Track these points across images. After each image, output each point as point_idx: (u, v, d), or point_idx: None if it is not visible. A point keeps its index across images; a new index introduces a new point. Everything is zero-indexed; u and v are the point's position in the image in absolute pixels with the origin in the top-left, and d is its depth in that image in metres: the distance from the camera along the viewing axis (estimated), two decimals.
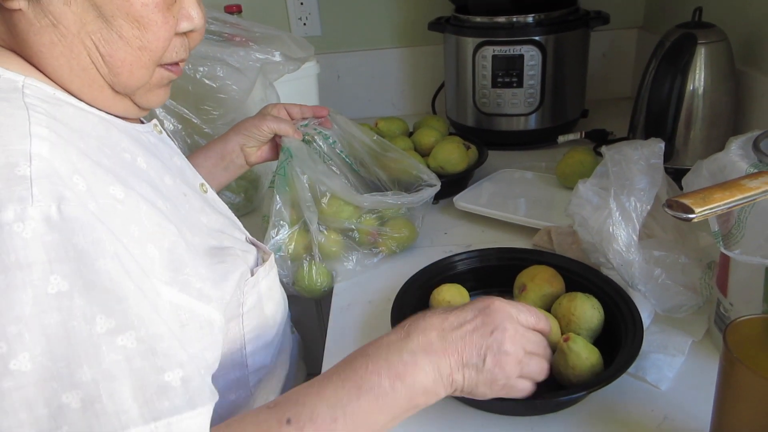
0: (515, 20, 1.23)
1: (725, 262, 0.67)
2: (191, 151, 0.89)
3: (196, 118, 1.01)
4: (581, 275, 0.77)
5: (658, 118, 1.04)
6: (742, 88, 1.07)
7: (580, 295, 0.71)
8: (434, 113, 1.54)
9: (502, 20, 1.24)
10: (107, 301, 0.42)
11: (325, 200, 0.87)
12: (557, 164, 1.12)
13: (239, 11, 1.20)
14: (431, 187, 0.94)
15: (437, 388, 0.51)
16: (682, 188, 0.73)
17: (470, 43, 1.27)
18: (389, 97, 1.65)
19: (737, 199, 0.50)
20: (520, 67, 1.24)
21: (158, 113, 0.99)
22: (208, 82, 0.99)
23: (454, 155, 1.10)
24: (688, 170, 0.71)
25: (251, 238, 0.69)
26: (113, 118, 0.55)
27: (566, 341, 0.64)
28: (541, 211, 1.03)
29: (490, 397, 0.54)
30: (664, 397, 0.65)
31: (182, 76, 0.66)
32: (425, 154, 1.16)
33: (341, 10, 1.54)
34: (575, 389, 0.62)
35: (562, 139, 1.29)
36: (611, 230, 0.72)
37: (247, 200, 1.13)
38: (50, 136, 0.44)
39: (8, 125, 0.43)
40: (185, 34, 0.56)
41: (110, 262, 0.43)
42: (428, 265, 0.82)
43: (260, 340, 0.66)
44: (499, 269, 0.82)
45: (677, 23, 1.07)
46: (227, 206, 0.71)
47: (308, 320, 1.10)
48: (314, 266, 0.87)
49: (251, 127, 0.84)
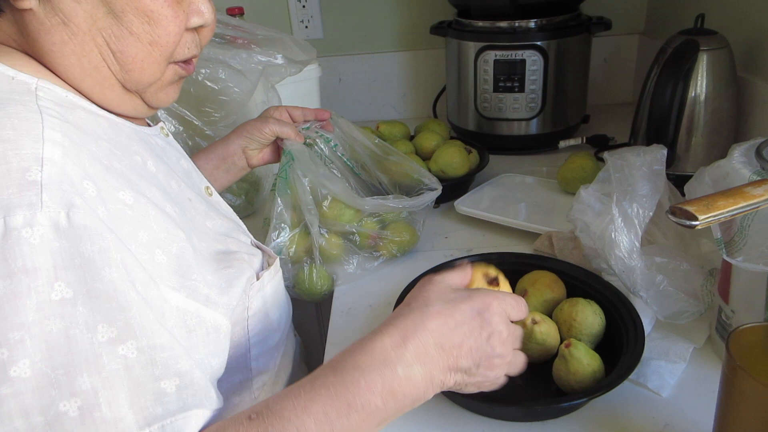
0: (517, 25, 1.23)
1: (727, 269, 0.67)
2: (192, 153, 0.89)
3: (197, 120, 1.01)
4: (582, 281, 0.77)
5: (659, 124, 1.04)
6: (743, 95, 1.07)
7: (581, 300, 0.71)
8: (435, 117, 1.53)
9: (504, 25, 1.24)
10: (110, 310, 0.42)
11: (326, 203, 0.87)
12: (558, 169, 1.12)
13: (241, 13, 1.20)
14: (432, 191, 0.94)
15: (427, 394, 0.51)
16: (684, 195, 0.73)
17: (472, 47, 1.27)
18: (390, 100, 1.65)
19: (741, 206, 0.50)
20: (521, 71, 1.25)
21: (160, 115, 0.99)
22: (209, 84, 0.99)
23: (455, 159, 1.10)
24: (689, 177, 0.71)
25: (256, 241, 0.69)
26: (123, 121, 0.55)
27: (567, 347, 0.64)
28: (542, 216, 1.03)
29: (471, 392, 0.55)
30: (665, 404, 0.65)
31: None
32: (426, 157, 1.16)
33: (343, 13, 1.54)
34: (576, 395, 0.62)
35: (563, 144, 1.30)
36: (613, 236, 0.72)
37: (247, 202, 1.13)
38: (63, 140, 0.44)
39: (22, 129, 0.43)
40: (196, 29, 0.57)
41: (116, 271, 0.43)
42: (429, 269, 0.81)
43: (265, 344, 0.66)
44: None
45: (679, 30, 1.07)
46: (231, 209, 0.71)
47: (308, 323, 1.10)
48: (315, 269, 0.87)
49: (253, 129, 0.84)
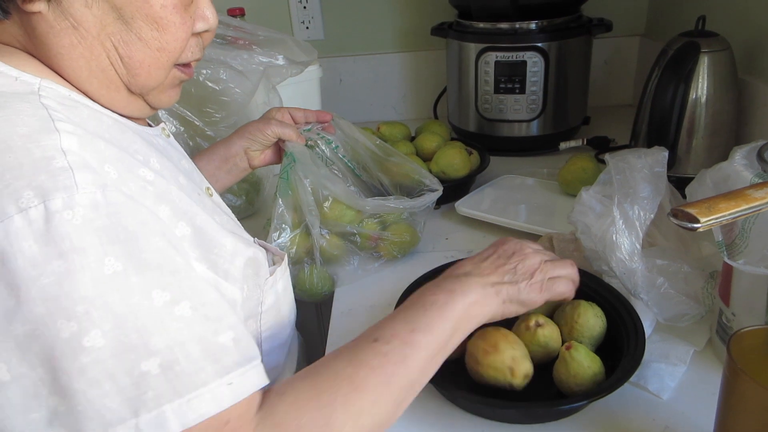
0: (518, 26, 1.23)
1: (728, 271, 0.67)
2: (193, 153, 0.89)
3: (198, 120, 1.01)
4: (583, 283, 0.77)
5: (660, 126, 1.04)
6: (744, 97, 1.07)
7: (583, 302, 0.71)
8: (436, 118, 1.53)
9: (505, 26, 1.24)
10: (161, 276, 0.44)
11: (327, 204, 0.87)
12: (559, 171, 1.12)
13: (242, 14, 1.20)
14: (433, 192, 0.94)
15: (486, 299, 0.59)
16: (685, 197, 0.73)
17: (473, 48, 1.27)
18: (391, 101, 1.65)
19: (743, 209, 0.50)
20: (522, 73, 1.25)
21: (161, 115, 0.99)
22: (210, 84, 0.99)
23: (456, 160, 1.10)
24: (690, 179, 0.71)
25: (259, 240, 0.69)
26: (127, 120, 0.56)
27: (568, 349, 0.64)
28: (542, 217, 1.03)
29: (540, 300, 0.62)
30: (665, 406, 0.65)
31: None
32: (427, 158, 1.16)
33: (344, 14, 1.54)
34: (577, 398, 0.62)
35: (563, 145, 1.29)
36: (614, 238, 0.72)
37: (248, 203, 1.13)
38: (75, 130, 0.45)
39: (33, 124, 0.44)
40: (200, 34, 0.57)
41: (159, 239, 0.45)
42: (429, 270, 0.81)
43: (275, 339, 0.67)
44: None
45: (680, 31, 1.07)
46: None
47: (308, 324, 1.10)
48: (315, 270, 0.87)
49: (255, 131, 0.84)
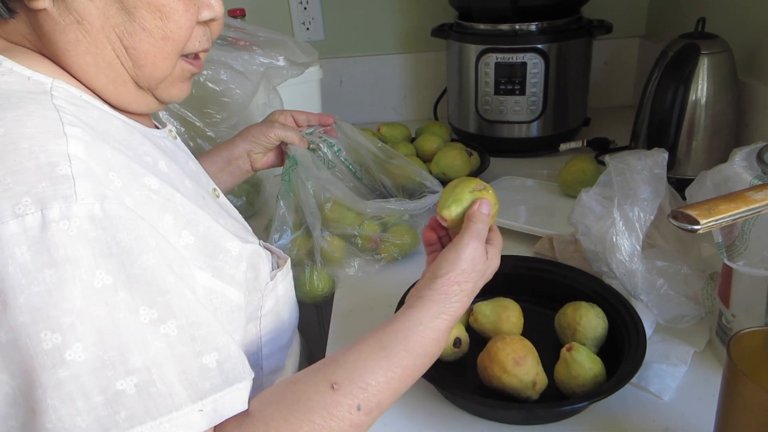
0: (518, 28, 1.23)
1: (728, 273, 0.67)
2: (194, 154, 0.89)
3: (199, 121, 1.01)
4: (584, 284, 0.77)
5: (660, 127, 1.04)
6: (744, 98, 1.08)
7: (584, 304, 0.71)
8: (436, 119, 1.54)
9: (505, 28, 1.24)
10: (149, 293, 0.44)
11: (328, 206, 0.87)
12: (559, 172, 1.12)
13: (243, 15, 1.21)
14: (434, 193, 0.94)
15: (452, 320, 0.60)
16: (685, 198, 0.73)
17: (473, 50, 1.27)
18: (391, 102, 1.65)
19: (742, 210, 0.50)
20: (522, 74, 1.25)
21: (162, 116, 0.99)
22: (211, 85, 0.99)
23: (456, 162, 1.10)
24: (689, 180, 0.71)
25: (264, 243, 0.69)
26: (135, 122, 0.56)
27: (569, 351, 0.64)
28: (542, 218, 1.03)
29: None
30: (665, 407, 0.65)
31: None
32: (427, 160, 1.16)
33: (344, 15, 1.54)
34: (578, 399, 0.63)
35: (563, 147, 1.29)
36: (614, 240, 0.72)
37: (248, 204, 1.13)
38: (84, 135, 0.45)
39: (43, 126, 0.44)
40: (206, 23, 0.57)
41: (153, 257, 0.45)
42: None
43: (275, 343, 0.67)
44: (499, 276, 0.82)
45: (679, 33, 1.07)
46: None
47: (309, 325, 1.10)
48: (316, 271, 0.87)
49: (258, 134, 0.84)
